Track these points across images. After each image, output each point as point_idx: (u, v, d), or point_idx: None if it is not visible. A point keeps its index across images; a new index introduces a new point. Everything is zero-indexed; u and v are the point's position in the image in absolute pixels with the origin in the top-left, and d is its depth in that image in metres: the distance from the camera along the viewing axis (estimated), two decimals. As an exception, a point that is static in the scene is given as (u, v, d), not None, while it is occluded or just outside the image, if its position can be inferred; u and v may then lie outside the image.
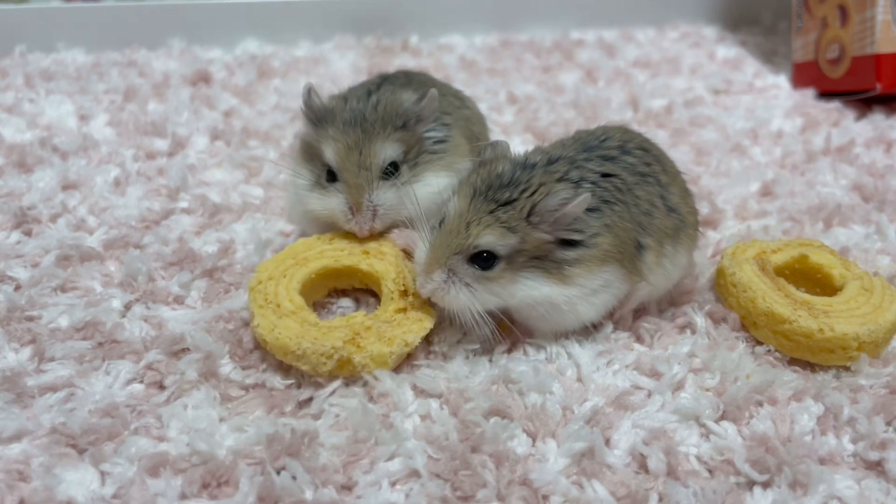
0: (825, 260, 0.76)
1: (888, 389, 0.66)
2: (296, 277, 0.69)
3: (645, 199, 0.68)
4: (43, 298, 0.72)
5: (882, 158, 1.06)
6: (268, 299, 0.66)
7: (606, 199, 0.65)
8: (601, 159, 0.68)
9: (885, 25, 1.14)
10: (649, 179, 0.69)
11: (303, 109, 0.75)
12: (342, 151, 0.70)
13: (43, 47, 1.30)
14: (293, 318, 0.65)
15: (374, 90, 0.77)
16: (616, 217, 0.65)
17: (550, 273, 0.63)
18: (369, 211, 0.70)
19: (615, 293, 0.67)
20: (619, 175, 0.67)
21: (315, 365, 0.62)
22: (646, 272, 0.68)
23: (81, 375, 0.64)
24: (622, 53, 1.44)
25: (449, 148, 0.76)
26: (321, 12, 1.41)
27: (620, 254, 0.65)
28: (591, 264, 0.64)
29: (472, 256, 0.62)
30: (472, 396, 0.63)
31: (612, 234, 0.65)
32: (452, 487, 0.56)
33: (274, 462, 0.57)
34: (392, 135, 0.71)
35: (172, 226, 0.85)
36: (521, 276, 0.63)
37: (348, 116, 0.72)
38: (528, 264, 0.63)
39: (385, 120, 0.71)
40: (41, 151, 0.96)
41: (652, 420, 0.62)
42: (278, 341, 0.63)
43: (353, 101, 0.74)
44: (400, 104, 0.72)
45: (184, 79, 1.21)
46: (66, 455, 0.57)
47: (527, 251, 0.63)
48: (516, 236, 0.62)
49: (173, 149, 1.00)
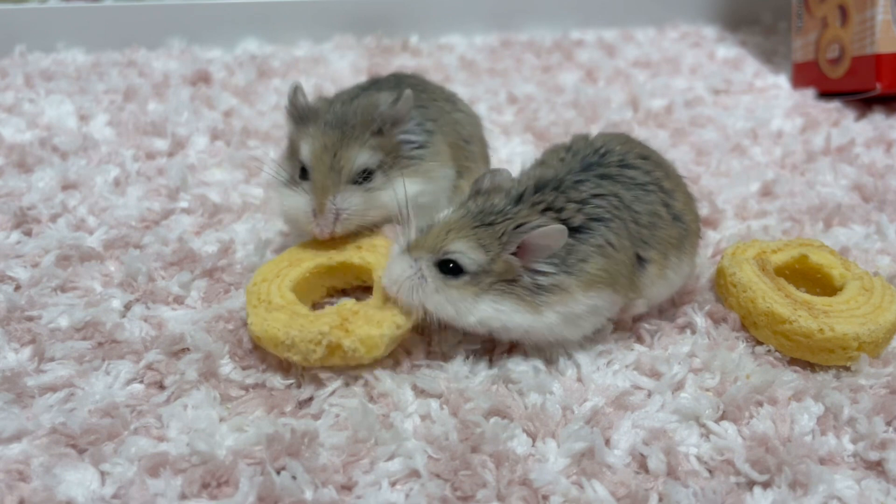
0: (825, 260, 0.76)
1: (888, 389, 0.66)
2: (289, 277, 0.70)
3: (646, 211, 0.67)
4: (43, 298, 0.72)
5: (882, 158, 1.06)
6: (260, 298, 0.67)
7: (599, 217, 0.65)
8: (598, 178, 0.67)
9: (885, 25, 1.14)
10: (651, 188, 0.69)
11: (287, 107, 0.75)
12: (317, 151, 0.70)
13: (43, 47, 1.30)
14: (283, 311, 0.65)
15: (360, 94, 0.77)
16: (612, 235, 0.65)
17: (522, 300, 0.63)
18: (331, 213, 0.70)
19: (605, 314, 0.67)
20: (617, 193, 0.67)
21: (305, 353, 0.62)
22: (647, 286, 0.68)
23: (81, 375, 0.64)
24: (622, 53, 1.44)
25: (427, 154, 0.75)
26: (321, 12, 1.41)
27: (612, 277, 0.64)
28: (574, 290, 0.63)
29: (440, 262, 0.63)
30: (472, 396, 0.63)
31: (602, 255, 0.64)
32: (452, 487, 0.56)
33: (274, 462, 0.57)
34: (369, 140, 0.71)
35: (172, 226, 0.85)
36: (485, 298, 0.63)
37: (330, 118, 0.72)
38: (496, 288, 0.63)
39: (363, 124, 0.71)
40: (41, 151, 0.96)
41: (652, 420, 0.62)
42: (267, 333, 0.63)
43: (336, 104, 0.74)
44: (376, 107, 0.72)
45: (184, 79, 1.21)
46: (65, 455, 0.57)
47: (495, 273, 0.62)
48: (487, 255, 0.62)
49: (173, 149, 1.00)
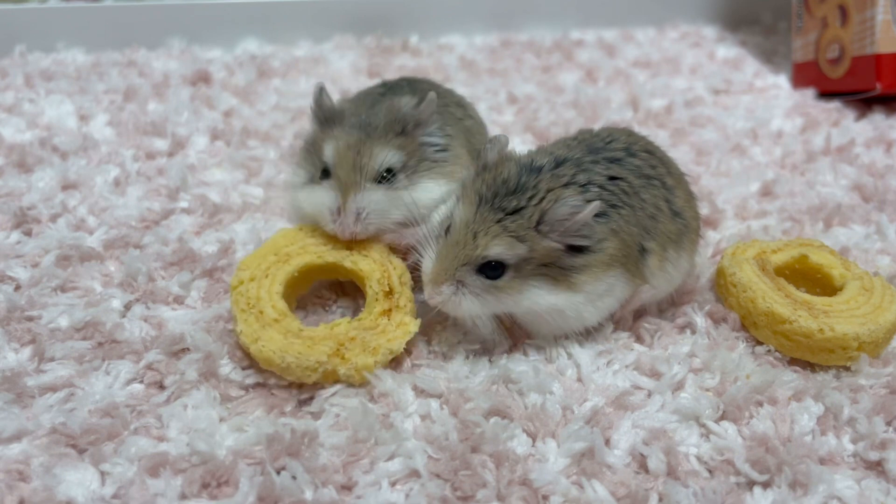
0: (825, 260, 0.76)
1: (888, 389, 0.66)
2: (278, 278, 0.68)
3: (650, 202, 0.68)
4: (43, 298, 0.72)
5: (882, 158, 1.06)
6: (250, 303, 0.65)
7: (613, 203, 0.65)
8: (607, 162, 0.67)
9: (885, 25, 1.14)
10: (654, 182, 0.69)
11: (313, 108, 0.75)
12: (341, 150, 0.70)
13: (43, 47, 1.30)
14: (276, 328, 0.64)
15: (380, 99, 0.77)
16: (623, 221, 0.65)
17: (557, 280, 0.63)
18: (353, 213, 0.69)
19: (619, 297, 0.67)
20: (626, 178, 0.67)
21: (300, 377, 0.62)
22: (648, 275, 0.68)
23: (81, 375, 0.64)
24: (622, 53, 1.44)
25: (450, 157, 0.75)
26: (321, 12, 1.40)
27: (625, 258, 0.65)
28: (597, 269, 0.64)
29: (480, 266, 0.62)
30: (472, 396, 0.63)
31: (617, 238, 0.64)
32: (452, 487, 0.56)
33: (274, 462, 0.57)
34: (392, 140, 0.71)
35: (172, 226, 0.85)
36: (529, 284, 0.63)
37: (354, 120, 0.72)
38: (536, 272, 0.63)
39: (386, 125, 0.71)
40: (41, 151, 0.96)
41: (652, 420, 0.62)
42: (262, 353, 0.62)
43: (361, 107, 0.74)
44: (399, 109, 0.72)
45: (184, 79, 1.21)
46: (65, 455, 0.57)
47: (535, 259, 0.62)
48: (525, 245, 0.61)
49: (173, 149, 1.00)
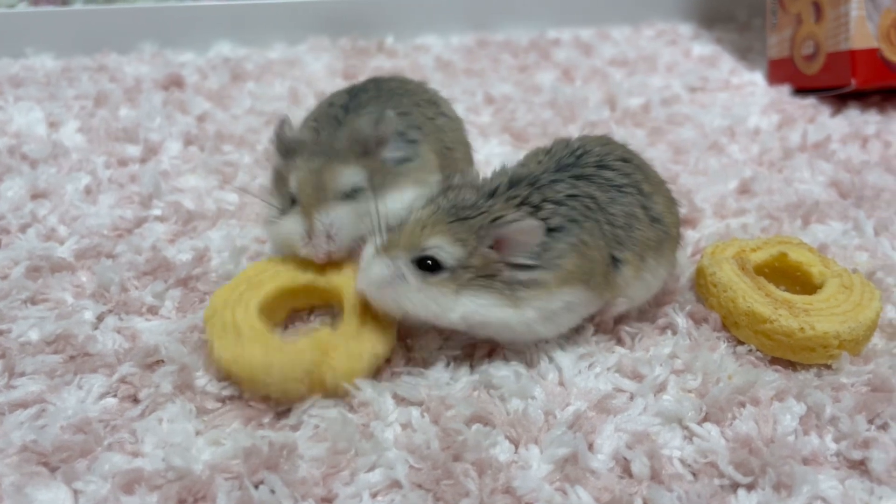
0: (804, 258, 0.76)
1: (870, 387, 0.66)
2: (252, 303, 0.66)
3: (622, 213, 0.67)
4: (12, 311, 0.70)
5: (858, 154, 1.07)
6: (226, 327, 0.63)
7: (574, 219, 0.64)
8: (573, 179, 0.67)
9: (859, 21, 1.15)
10: (629, 190, 0.68)
11: (273, 141, 0.74)
12: (303, 177, 0.69)
13: (11, 53, 1.27)
14: (256, 344, 0.62)
15: (342, 116, 0.76)
16: (586, 235, 0.64)
17: (503, 295, 0.62)
18: (322, 232, 0.68)
19: (581, 312, 0.67)
20: (591, 195, 0.66)
21: (286, 391, 0.61)
22: (623, 286, 0.67)
23: (53, 390, 0.63)
24: (599, 52, 1.44)
25: (413, 167, 0.74)
26: (295, 14, 1.39)
27: (586, 274, 0.64)
28: (551, 286, 0.63)
29: (418, 260, 0.62)
30: (453, 403, 0.62)
31: (577, 253, 0.63)
32: (434, 497, 0.55)
33: (252, 476, 0.55)
34: (353, 161, 0.70)
35: (145, 234, 0.83)
36: (465, 294, 0.62)
37: (316, 148, 0.71)
38: (475, 283, 0.62)
39: (348, 148, 0.71)
40: (9, 160, 0.94)
41: (635, 423, 0.62)
42: (244, 371, 0.60)
43: (321, 132, 0.73)
44: (359, 132, 0.71)
45: (156, 83, 1.19)
46: (37, 473, 0.56)
47: (474, 268, 0.61)
48: (464, 249, 0.61)
49: (146, 155, 0.99)
